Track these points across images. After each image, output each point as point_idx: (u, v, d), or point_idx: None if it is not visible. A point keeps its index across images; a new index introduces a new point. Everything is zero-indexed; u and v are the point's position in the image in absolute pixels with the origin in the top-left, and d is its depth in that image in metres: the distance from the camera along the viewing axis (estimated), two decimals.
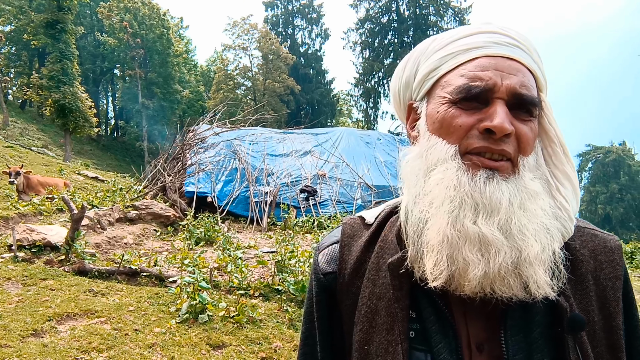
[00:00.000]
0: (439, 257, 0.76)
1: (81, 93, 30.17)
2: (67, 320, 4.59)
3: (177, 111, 48.67)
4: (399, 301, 0.83)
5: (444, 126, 0.81)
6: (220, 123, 16.44)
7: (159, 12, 46.67)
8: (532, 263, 0.74)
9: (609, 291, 0.83)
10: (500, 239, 0.74)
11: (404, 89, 0.96)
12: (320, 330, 0.97)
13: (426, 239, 0.79)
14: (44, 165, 19.44)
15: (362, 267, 0.92)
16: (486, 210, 0.75)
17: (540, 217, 0.77)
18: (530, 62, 0.83)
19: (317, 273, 0.99)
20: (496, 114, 0.76)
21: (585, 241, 0.87)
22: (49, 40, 30.67)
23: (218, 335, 4.60)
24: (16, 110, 41.40)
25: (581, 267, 0.84)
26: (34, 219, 8.34)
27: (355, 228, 0.98)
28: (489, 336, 0.81)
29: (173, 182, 12.35)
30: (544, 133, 0.87)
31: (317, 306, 0.98)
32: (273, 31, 54.39)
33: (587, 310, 0.81)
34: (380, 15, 50.32)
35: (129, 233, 8.61)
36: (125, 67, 47.81)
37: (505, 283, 0.74)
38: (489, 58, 0.81)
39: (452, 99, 0.81)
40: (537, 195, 0.78)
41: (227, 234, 9.65)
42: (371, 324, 0.86)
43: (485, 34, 0.84)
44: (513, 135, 0.78)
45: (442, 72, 0.85)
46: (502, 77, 0.78)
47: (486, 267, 0.73)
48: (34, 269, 5.83)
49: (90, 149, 42.96)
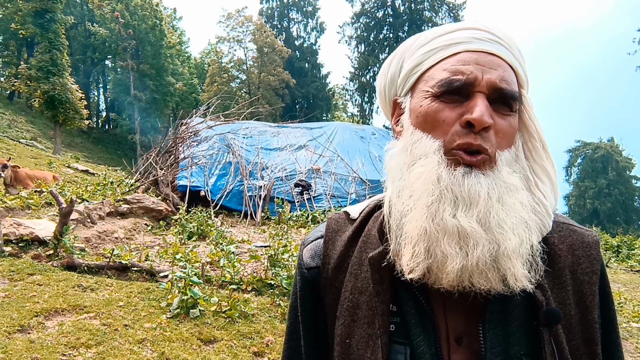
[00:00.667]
0: (416, 250, 0.78)
1: (71, 84, 29.73)
2: (55, 316, 4.49)
3: (170, 104, 48.26)
4: (379, 295, 0.84)
5: (427, 120, 0.83)
6: (213, 116, 16.29)
7: (151, 3, 46.10)
8: (510, 256, 0.75)
9: (586, 285, 0.84)
10: (479, 231, 0.75)
11: (389, 85, 0.97)
12: (304, 325, 0.98)
13: (405, 231, 0.80)
14: (33, 158, 19.19)
15: (345, 261, 0.93)
16: (465, 203, 0.76)
17: (519, 210, 0.78)
18: (511, 58, 0.85)
19: (301, 268, 1.00)
20: (476, 106, 0.78)
21: (564, 236, 0.88)
22: (37, 30, 30.13)
23: (209, 330, 4.53)
24: (4, 102, 40.79)
25: (559, 262, 0.85)
26: (21, 213, 8.17)
27: (340, 223, 1.00)
28: (468, 330, 0.82)
29: (165, 176, 12.19)
30: (524, 128, 0.89)
31: (301, 301, 0.99)
32: (268, 24, 54.06)
33: (564, 304, 0.82)
34: (376, 9, 50.22)
35: (119, 227, 8.47)
36: (116, 59, 47.30)
37: (483, 276, 0.75)
38: (471, 53, 0.83)
39: (434, 93, 0.83)
40: (515, 189, 0.80)
41: (221, 228, 9.56)
42: (353, 317, 0.87)
43: (467, 30, 0.86)
44: (492, 129, 0.79)
45: (425, 67, 0.87)
46: (483, 72, 0.80)
47: (464, 261, 0.74)
48: (21, 263, 5.70)
49: (81, 142, 42.53)
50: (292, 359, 1.01)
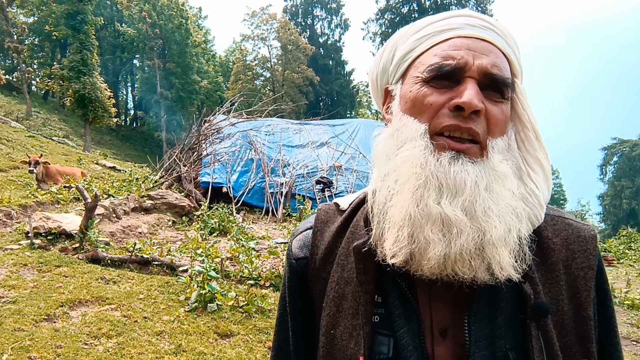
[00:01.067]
0: (400, 234, 0.76)
1: (100, 83, 30.50)
2: (79, 307, 4.65)
3: (195, 102, 48.93)
4: (363, 285, 0.83)
5: (415, 105, 0.82)
6: (236, 113, 16.44)
7: (177, 2, 46.81)
8: (496, 244, 0.73)
9: (580, 281, 0.81)
10: (463, 220, 0.73)
11: (381, 74, 0.96)
12: (292, 316, 0.98)
13: (389, 216, 0.79)
14: (64, 155, 19.74)
15: (333, 252, 0.93)
16: (450, 190, 0.75)
17: (508, 198, 0.77)
18: (504, 46, 0.84)
19: (289, 258, 1.00)
20: (466, 90, 0.77)
21: (558, 230, 0.86)
22: (69, 31, 31.03)
23: (226, 324, 4.62)
24: (39, 101, 42.15)
25: (552, 256, 0.83)
26: (51, 207, 8.45)
27: (330, 214, 0.99)
28: (453, 322, 0.81)
29: (188, 173, 12.40)
30: (517, 118, 0.87)
31: (289, 291, 0.99)
32: (292, 21, 54.26)
33: (557, 299, 0.80)
34: (401, 5, 49.83)
35: (143, 222, 8.68)
36: (144, 58, 48.22)
37: (466, 264, 0.74)
38: (463, 39, 0.82)
39: (424, 78, 0.82)
40: (505, 177, 0.78)
41: (242, 224, 9.68)
42: (338, 308, 0.87)
43: (461, 17, 0.85)
44: (483, 115, 0.78)
45: (417, 53, 0.86)
46: (474, 57, 0.79)
47: (447, 248, 0.73)
48: (49, 256, 5.91)
49: (110, 139, 43.55)
50: (281, 349, 1.01)
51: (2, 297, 4.54)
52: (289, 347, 0.99)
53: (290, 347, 0.99)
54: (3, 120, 23.46)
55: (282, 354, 1.01)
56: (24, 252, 5.88)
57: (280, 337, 1.01)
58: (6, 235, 6.55)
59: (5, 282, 4.88)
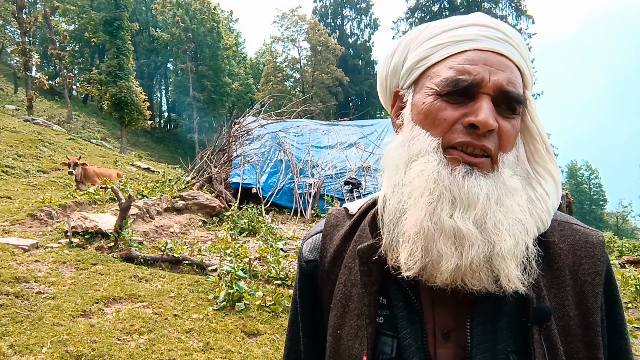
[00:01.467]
0: (414, 248, 0.77)
1: (136, 87, 31.46)
2: (113, 303, 4.82)
3: (226, 103, 49.69)
4: (367, 286, 0.85)
5: (428, 118, 0.82)
6: (266, 115, 16.63)
7: (209, 6, 47.70)
8: (505, 257, 0.74)
9: (587, 287, 0.81)
10: (475, 233, 0.74)
11: (391, 75, 0.95)
12: (302, 317, 1.01)
13: (403, 229, 0.80)
14: (101, 156, 20.41)
15: (341, 255, 0.95)
16: (463, 204, 0.76)
17: (517, 212, 0.77)
18: (519, 59, 0.83)
19: (300, 261, 1.03)
20: (481, 109, 0.77)
21: (565, 235, 0.86)
22: (107, 38, 32.17)
23: (253, 323, 4.70)
24: (79, 105, 43.74)
25: (558, 261, 0.83)
26: (88, 207, 8.78)
27: (339, 218, 1.02)
28: (456, 325, 0.82)
29: (219, 174, 12.64)
30: (526, 130, 0.88)
31: (300, 292, 1.02)
32: (322, 22, 54.42)
33: (562, 304, 0.80)
34: (431, 3, 49.22)
35: (175, 222, 8.92)
36: (177, 61, 49.30)
37: (476, 276, 0.75)
38: (479, 52, 0.81)
39: (438, 91, 0.81)
40: (515, 191, 0.79)
41: (271, 224, 9.80)
42: (344, 309, 0.89)
43: (477, 26, 0.84)
44: (495, 132, 0.78)
45: (431, 62, 0.84)
46: (490, 73, 0.79)
47: (458, 260, 0.74)
48: (86, 254, 6.13)
49: (145, 141, 44.73)
50: (293, 349, 1.04)
51: (43, 293, 4.77)
52: (300, 347, 1.02)
53: (301, 346, 1.02)
54: (46, 123, 24.43)
55: (294, 353, 1.04)
56: (63, 250, 6.14)
57: (292, 337, 1.05)
58: (47, 234, 6.86)
59: (45, 279, 5.12)
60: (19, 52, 28.94)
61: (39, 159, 14.99)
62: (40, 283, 5.00)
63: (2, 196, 9.41)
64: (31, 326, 4.01)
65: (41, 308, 4.39)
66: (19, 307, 4.32)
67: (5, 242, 5.99)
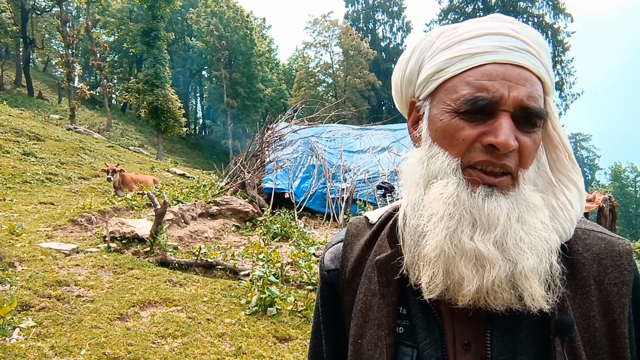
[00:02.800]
0: (435, 271, 0.77)
1: (171, 95, 32.30)
2: (148, 307, 4.94)
3: (260, 109, 50.29)
4: (385, 297, 0.86)
5: (447, 137, 0.80)
6: (298, 120, 16.73)
7: (242, 14, 48.46)
8: (528, 276, 0.73)
9: (614, 297, 0.79)
10: (495, 253, 0.73)
11: (406, 83, 0.93)
12: (325, 325, 1.03)
13: (423, 252, 0.80)
14: (138, 163, 20.99)
15: (362, 264, 0.95)
16: (483, 226, 0.75)
17: (540, 229, 0.76)
18: (539, 68, 0.80)
19: (322, 270, 1.04)
20: (501, 128, 0.75)
21: (590, 244, 0.84)
22: (144, 48, 33.20)
23: (285, 328, 4.72)
24: (118, 113, 45.23)
25: (582, 271, 0.81)
26: (126, 213, 9.03)
27: (360, 227, 1.02)
28: (476, 336, 0.81)
29: (252, 179, 12.78)
30: (548, 139, 0.86)
31: (322, 301, 1.03)
32: (353, 27, 54.44)
33: (587, 315, 0.78)
34: (465, 4, 48.52)
35: (209, 227, 9.06)
36: (211, 69, 50.26)
37: (498, 297, 0.74)
38: (497, 65, 0.78)
39: (455, 109, 0.79)
40: (537, 208, 0.77)
41: (303, 229, 9.83)
42: (365, 319, 0.90)
43: (495, 36, 0.80)
44: (516, 150, 0.77)
45: (448, 75, 0.81)
46: (510, 88, 0.76)
47: (480, 282, 0.73)
48: (123, 258, 6.31)
49: (181, 147, 45.75)
50: (316, 357, 1.06)
51: (82, 296, 4.93)
52: (323, 355, 1.03)
53: (323, 354, 1.03)
54: (87, 132, 25.34)
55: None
56: (102, 255, 6.33)
57: (315, 344, 1.06)
58: (87, 239, 7.09)
59: (85, 282, 5.29)
60: (63, 64, 30.20)
61: (80, 166, 15.54)
62: (80, 286, 5.17)
63: (46, 202, 9.79)
64: (71, 328, 4.15)
65: (80, 311, 4.54)
66: (60, 310, 4.47)
67: (49, 247, 6.23)
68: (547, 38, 45.76)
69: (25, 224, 7.17)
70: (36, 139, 16.72)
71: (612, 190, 59.43)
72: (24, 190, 10.87)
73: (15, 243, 6.19)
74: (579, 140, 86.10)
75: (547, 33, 45.52)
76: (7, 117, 18.04)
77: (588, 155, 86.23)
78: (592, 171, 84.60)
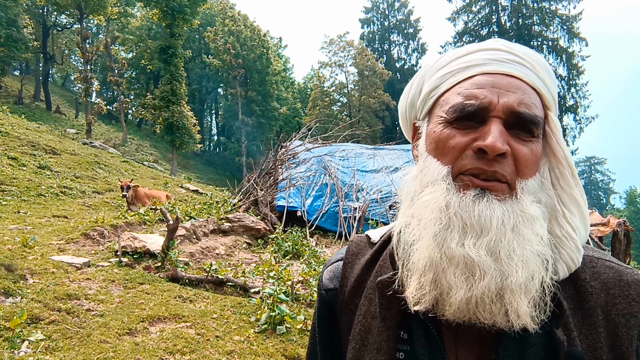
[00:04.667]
0: (422, 280, 0.76)
1: (187, 112, 32.71)
2: (157, 323, 4.89)
3: (274, 127, 50.71)
4: (386, 320, 0.82)
5: (439, 147, 0.80)
6: (312, 139, 16.78)
7: (259, 34, 49.24)
8: (515, 291, 0.70)
9: (622, 328, 0.76)
10: (487, 261, 0.71)
11: (409, 108, 0.95)
12: (321, 347, 1.00)
13: (412, 261, 0.78)
14: (152, 178, 21.16)
15: (362, 285, 0.92)
16: (474, 230, 0.72)
17: (534, 243, 0.73)
18: (534, 79, 0.80)
19: (320, 289, 1.01)
20: (489, 133, 0.74)
21: (597, 273, 0.81)
22: (161, 65, 33.73)
23: (294, 347, 4.66)
24: (134, 129, 45.92)
25: (590, 300, 0.78)
26: (138, 228, 9.05)
27: (360, 246, 0.99)
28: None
29: (265, 196, 12.78)
30: (551, 154, 0.83)
31: (319, 321, 1.01)
32: (369, 47, 54.95)
33: (594, 347, 0.75)
34: (480, 27, 48.76)
35: (221, 244, 9.03)
36: (227, 87, 50.91)
37: (487, 309, 0.71)
38: (487, 75, 0.79)
39: (447, 119, 0.80)
40: (533, 220, 0.74)
41: (315, 248, 9.77)
42: (364, 342, 0.86)
43: (485, 51, 0.82)
44: (510, 157, 0.75)
45: (441, 91, 0.84)
46: (499, 95, 0.76)
47: (469, 292, 0.71)
48: (134, 273, 6.29)
49: (195, 164, 46.16)
50: None
51: (92, 310, 4.91)
52: None
53: None
54: (102, 146, 25.71)
55: None
56: (113, 269, 6.32)
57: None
58: (99, 253, 7.10)
59: (95, 297, 5.27)
60: (81, 79, 30.91)
61: (94, 180, 15.71)
62: (90, 300, 5.14)
63: (59, 215, 9.87)
64: (80, 342, 4.11)
65: (90, 325, 4.51)
66: (69, 324, 4.45)
67: (60, 260, 6.24)
68: (562, 62, 45.73)
69: (38, 237, 7.21)
70: (52, 152, 16.98)
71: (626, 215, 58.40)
72: (38, 203, 10.99)
73: (28, 255, 6.21)
74: (594, 163, 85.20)
75: (562, 57, 45.49)
76: (24, 131, 18.38)
77: (603, 179, 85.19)
78: (606, 195, 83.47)
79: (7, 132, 16.73)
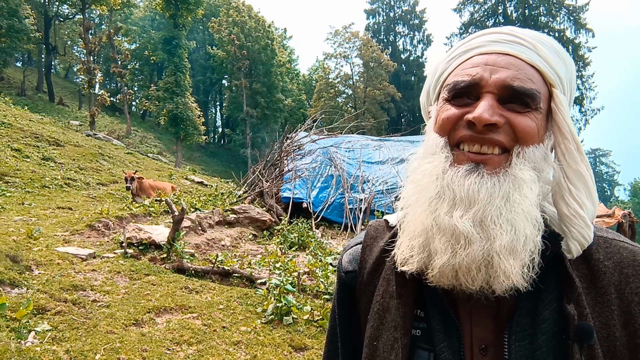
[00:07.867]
0: (412, 243, 0.81)
1: (191, 103, 32.67)
2: (164, 314, 4.88)
3: (279, 119, 50.55)
4: (402, 297, 0.85)
5: (437, 122, 0.86)
6: (317, 130, 16.69)
7: (264, 25, 48.92)
8: (501, 253, 0.73)
9: (635, 307, 0.78)
10: (472, 231, 0.74)
11: (426, 97, 1.00)
12: (340, 327, 1.03)
13: (405, 224, 0.84)
14: (157, 170, 21.15)
15: (380, 267, 0.95)
16: (463, 202, 0.76)
17: (525, 205, 0.76)
18: (533, 57, 0.83)
19: (339, 272, 1.04)
20: (479, 106, 0.78)
21: (611, 253, 0.83)
22: (165, 56, 33.67)
23: (301, 337, 4.64)
24: (138, 120, 45.88)
25: (603, 279, 0.80)
26: (143, 219, 9.03)
27: (379, 230, 1.02)
28: (494, 340, 0.81)
29: (270, 188, 12.73)
30: (557, 129, 0.85)
31: (338, 303, 1.04)
32: (374, 39, 54.55)
33: (607, 324, 0.77)
34: (486, 18, 48.27)
35: (227, 235, 9.00)
36: (232, 78, 50.73)
37: (470, 275, 0.75)
38: (483, 55, 0.84)
39: (446, 97, 0.86)
40: (524, 183, 0.77)
41: (320, 239, 9.73)
42: (382, 321, 0.89)
43: (485, 35, 0.88)
44: (507, 126, 0.79)
45: (446, 75, 0.89)
46: (492, 72, 0.81)
47: (453, 259, 0.75)
48: (140, 264, 6.27)
49: (199, 155, 46.15)
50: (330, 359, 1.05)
51: (98, 301, 4.89)
52: (338, 358, 1.03)
53: (339, 357, 1.03)
54: (106, 138, 25.71)
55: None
56: (119, 261, 6.30)
57: (330, 348, 1.05)
58: (104, 244, 7.08)
59: (101, 288, 5.25)
60: (84, 71, 30.79)
61: (98, 172, 15.70)
62: (96, 291, 5.13)
63: (64, 207, 9.86)
64: (86, 333, 4.09)
65: (96, 316, 4.49)
66: (76, 314, 4.43)
67: (66, 251, 6.23)
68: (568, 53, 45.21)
69: (43, 228, 7.19)
70: (56, 144, 16.97)
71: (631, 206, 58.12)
72: (42, 195, 10.98)
73: (33, 247, 6.19)
74: (599, 155, 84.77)
75: (568, 48, 45.02)
76: (27, 122, 18.36)
77: (607, 171, 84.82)
78: (611, 187, 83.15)
79: (10, 123, 16.70)
